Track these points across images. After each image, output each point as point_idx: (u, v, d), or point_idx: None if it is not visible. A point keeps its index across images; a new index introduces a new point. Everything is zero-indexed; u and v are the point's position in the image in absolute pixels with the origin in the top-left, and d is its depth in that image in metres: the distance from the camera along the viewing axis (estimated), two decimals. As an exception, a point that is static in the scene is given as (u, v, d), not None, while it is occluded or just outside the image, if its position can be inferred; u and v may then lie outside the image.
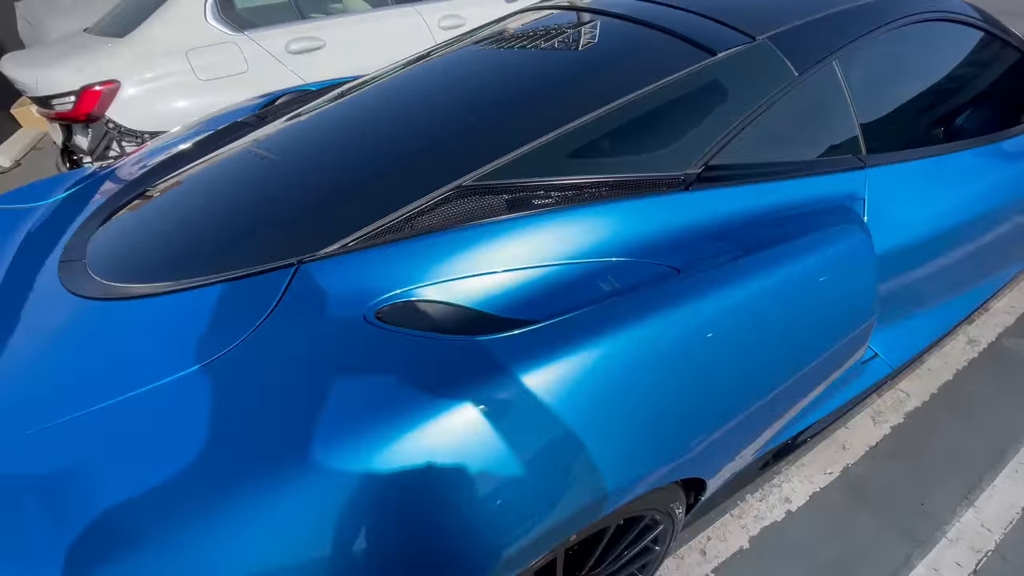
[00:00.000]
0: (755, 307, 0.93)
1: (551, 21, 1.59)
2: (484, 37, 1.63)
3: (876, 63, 1.36)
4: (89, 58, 2.51)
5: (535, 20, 1.64)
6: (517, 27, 1.67)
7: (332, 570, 0.63)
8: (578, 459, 0.75)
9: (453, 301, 0.86)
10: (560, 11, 1.64)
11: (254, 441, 0.68)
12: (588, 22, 1.52)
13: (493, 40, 1.59)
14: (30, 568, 0.60)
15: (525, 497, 0.72)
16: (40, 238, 1.18)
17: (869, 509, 1.53)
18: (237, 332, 0.81)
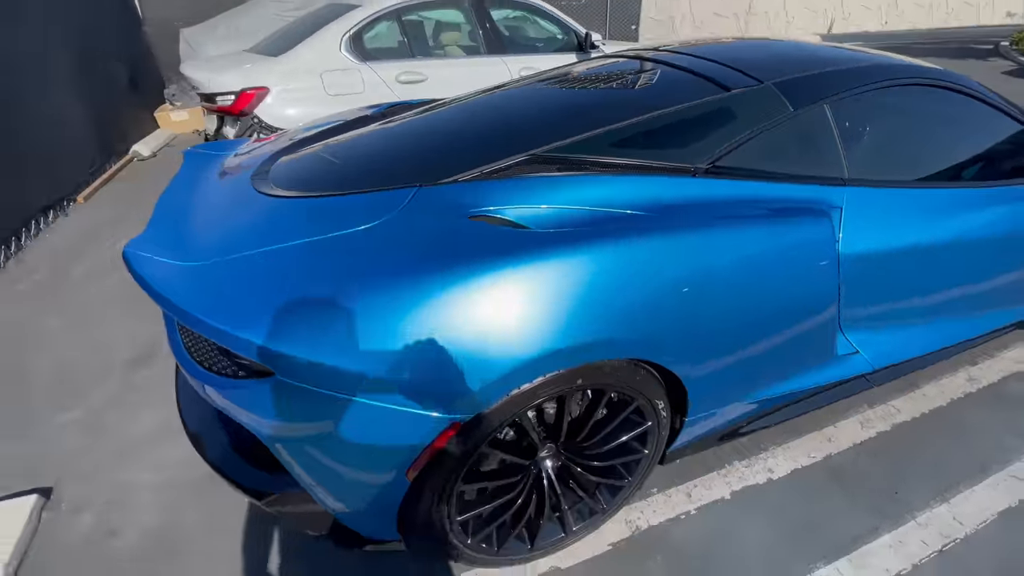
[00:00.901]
0: (720, 247, 1.28)
1: (614, 66, 2.07)
2: (564, 73, 2.13)
3: (865, 111, 1.72)
4: (249, 69, 3.23)
5: (600, 65, 2.13)
6: (586, 69, 2.16)
7: (397, 354, 1.00)
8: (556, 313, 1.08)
9: (514, 219, 1.25)
10: (622, 59, 2.12)
11: (373, 268, 1.08)
12: (641, 67, 1.97)
13: (573, 75, 2.09)
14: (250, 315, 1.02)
15: (520, 330, 1.06)
16: (233, 168, 1.70)
17: (845, 489, 1.72)
18: (374, 218, 1.24)
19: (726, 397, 1.51)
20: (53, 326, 2.68)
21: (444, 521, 1.23)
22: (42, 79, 4.23)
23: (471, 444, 1.12)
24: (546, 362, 1.09)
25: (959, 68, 9.54)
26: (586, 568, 1.50)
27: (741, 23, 14.94)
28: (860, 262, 1.54)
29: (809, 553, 1.52)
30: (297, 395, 1.01)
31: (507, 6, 4.06)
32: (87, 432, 2.02)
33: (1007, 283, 1.95)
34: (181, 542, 1.60)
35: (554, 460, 1.40)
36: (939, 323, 1.88)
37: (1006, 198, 1.80)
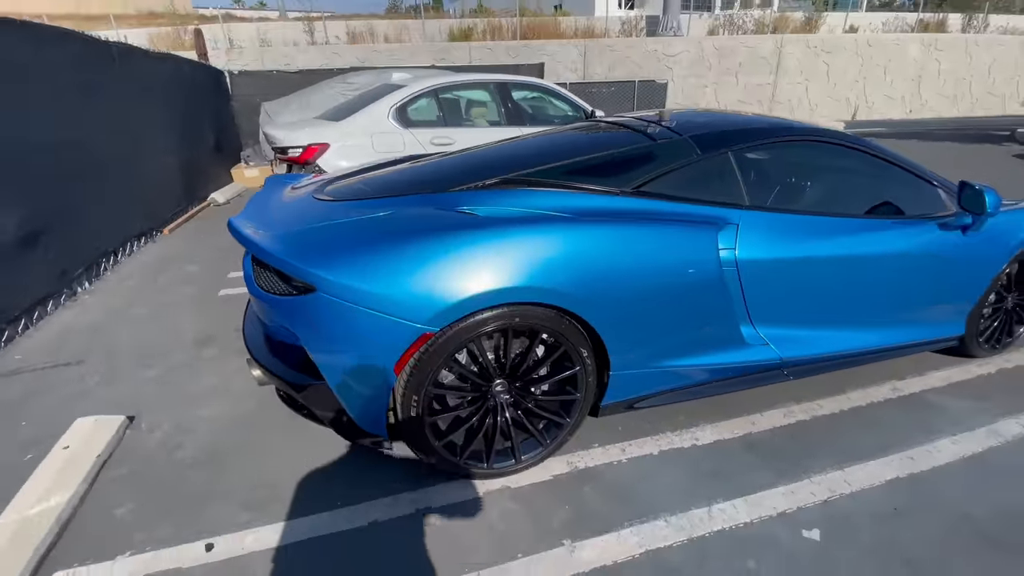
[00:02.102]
0: (632, 235, 1.79)
1: (586, 127, 2.71)
2: (549, 130, 2.80)
3: (763, 157, 2.26)
4: (315, 130, 4.09)
5: (578, 126, 2.78)
6: (565, 128, 2.82)
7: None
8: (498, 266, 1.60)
9: (481, 213, 1.81)
10: (596, 122, 2.76)
11: (382, 233, 1.66)
12: (605, 127, 2.60)
13: (554, 131, 2.75)
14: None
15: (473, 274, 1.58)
16: (296, 187, 2.37)
17: (756, 456, 2.07)
18: (390, 209, 1.83)
19: (643, 359, 1.94)
20: (141, 314, 3.37)
21: (421, 418, 1.70)
22: (153, 141, 5.30)
23: (439, 353, 1.62)
24: (490, 297, 1.60)
25: (974, 152, 10.03)
26: (531, 489, 1.89)
27: (765, 110, 15.93)
28: (755, 265, 2.00)
29: (713, 493, 1.87)
30: (327, 304, 1.56)
31: (525, 88, 4.91)
32: (162, 384, 2.60)
33: (900, 303, 2.33)
34: (223, 454, 2.10)
35: (506, 393, 1.85)
36: (841, 330, 2.26)
37: (887, 229, 2.24)
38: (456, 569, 1.59)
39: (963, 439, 2.16)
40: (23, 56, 3.38)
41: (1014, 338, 2.81)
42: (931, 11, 19.66)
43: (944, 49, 16.21)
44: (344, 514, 1.79)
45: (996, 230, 2.40)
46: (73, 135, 3.83)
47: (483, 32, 15.61)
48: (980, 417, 2.30)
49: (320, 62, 12.80)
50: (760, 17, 17.21)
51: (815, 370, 2.32)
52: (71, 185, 3.72)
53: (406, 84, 4.43)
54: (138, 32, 14.64)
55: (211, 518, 1.79)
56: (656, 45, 14.85)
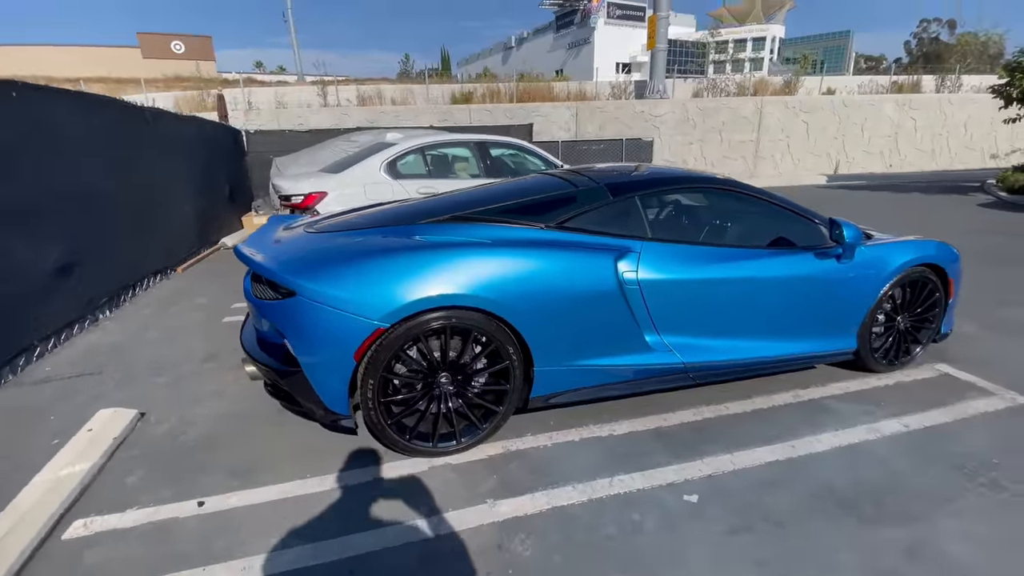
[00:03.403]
0: (549, 256, 2.27)
1: (529, 177, 3.27)
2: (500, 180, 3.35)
3: (666, 200, 2.78)
4: (316, 181, 4.73)
5: (524, 176, 3.34)
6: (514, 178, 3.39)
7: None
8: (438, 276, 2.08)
9: (432, 240, 2.32)
10: (539, 174, 3.33)
11: (353, 253, 2.16)
12: (543, 177, 3.15)
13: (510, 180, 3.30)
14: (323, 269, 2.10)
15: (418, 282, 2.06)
16: (292, 225, 2.90)
17: (662, 443, 2.45)
18: (362, 237, 2.34)
19: (563, 358, 2.38)
20: (154, 336, 3.86)
21: (375, 400, 2.13)
22: (173, 191, 5.98)
23: (390, 345, 2.07)
24: (432, 300, 2.07)
25: (942, 202, 10.71)
26: (468, 465, 2.29)
27: (749, 164, 16.83)
28: (655, 285, 2.47)
29: (617, 469, 2.26)
30: (304, 305, 2.04)
31: (502, 147, 5.59)
32: (170, 389, 3.05)
33: (788, 320, 2.77)
34: (218, 440, 2.52)
35: (449, 383, 2.28)
36: (737, 341, 2.69)
37: (772, 257, 2.72)
38: (402, 519, 1.98)
39: (844, 433, 2.55)
40: (75, 118, 4.07)
41: (911, 356, 3.21)
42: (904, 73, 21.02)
43: (918, 108, 17.24)
44: (312, 482, 2.19)
45: (871, 259, 2.87)
46: (105, 185, 4.47)
47: (483, 95, 16.86)
48: (865, 418, 2.69)
49: (331, 122, 13.91)
50: (741, 81, 18.45)
51: (717, 376, 2.74)
52: (99, 227, 4.31)
53: (397, 142, 5.10)
54: (165, 95, 15.98)
55: (204, 484, 2.20)
56: (643, 107, 15.98)
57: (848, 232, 2.65)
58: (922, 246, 3.07)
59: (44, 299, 3.55)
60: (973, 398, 2.88)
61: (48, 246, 3.62)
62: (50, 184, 3.69)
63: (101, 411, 2.62)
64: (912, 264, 2.98)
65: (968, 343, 3.60)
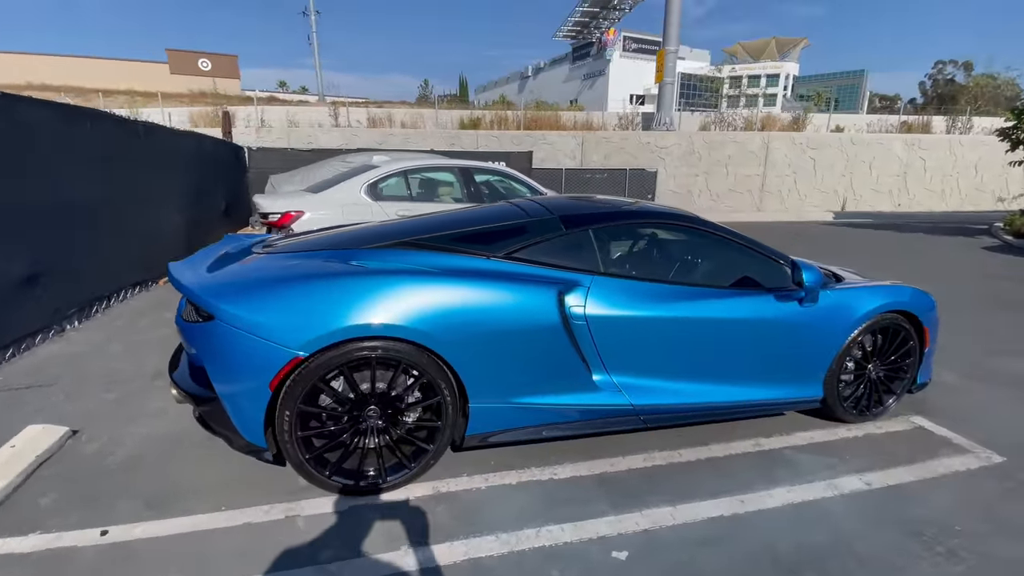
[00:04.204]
0: (487, 292, 2.19)
1: (492, 205, 3.22)
2: (460, 207, 3.31)
3: (620, 233, 2.70)
4: (294, 200, 4.73)
5: (488, 204, 3.29)
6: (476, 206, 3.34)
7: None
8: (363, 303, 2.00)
9: (366, 265, 2.26)
10: (503, 203, 3.28)
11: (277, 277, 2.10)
12: (505, 204, 3.10)
13: (469, 207, 3.25)
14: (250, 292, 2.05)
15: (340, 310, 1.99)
16: (246, 244, 2.87)
17: (604, 490, 2.32)
18: (296, 261, 2.30)
19: (502, 395, 2.28)
20: (115, 350, 3.82)
21: (292, 433, 2.04)
22: (162, 203, 6.04)
23: (308, 376, 2.00)
24: (355, 330, 2.00)
25: (946, 243, 10.57)
26: (392, 505, 2.18)
27: (755, 198, 16.77)
28: (604, 321, 2.38)
29: (549, 518, 2.13)
30: (222, 330, 1.97)
31: (487, 173, 5.59)
32: (115, 405, 2.99)
33: (748, 364, 2.65)
34: (144, 463, 2.44)
35: (377, 417, 2.19)
36: (693, 384, 2.57)
37: (730, 298, 2.61)
38: (306, 563, 1.87)
39: (799, 489, 2.39)
40: (54, 128, 4.13)
41: (884, 407, 3.06)
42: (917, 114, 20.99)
43: (928, 148, 17.16)
44: (224, 516, 2.09)
45: (837, 303, 2.76)
46: (83, 196, 4.50)
47: (491, 122, 17.10)
48: (825, 472, 2.54)
49: (341, 142, 14.15)
50: (749, 116, 18.54)
51: (670, 420, 2.62)
52: (71, 238, 4.33)
53: (380, 165, 5.12)
54: (181, 111, 16.43)
55: (116, 511, 2.11)
56: (649, 138, 16.07)
57: (808, 276, 2.55)
58: (894, 292, 2.95)
59: (4, 308, 3.54)
60: (945, 455, 2.71)
61: (11, 256, 3.62)
62: (16, 194, 3.70)
63: (30, 427, 2.56)
64: (882, 310, 2.86)
65: (949, 394, 3.43)
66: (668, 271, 2.87)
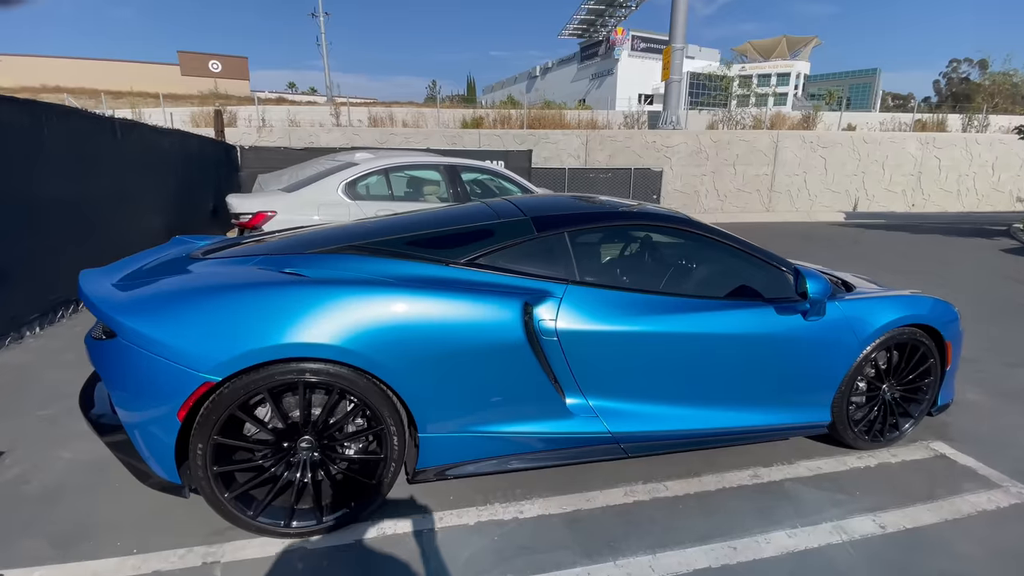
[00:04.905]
0: (439, 306, 1.90)
1: (462, 205, 2.93)
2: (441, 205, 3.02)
3: (605, 239, 2.40)
4: (267, 199, 4.47)
5: (457, 204, 3.00)
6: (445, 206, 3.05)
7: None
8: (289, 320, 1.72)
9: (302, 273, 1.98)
10: (476, 202, 2.99)
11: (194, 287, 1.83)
12: (476, 206, 2.81)
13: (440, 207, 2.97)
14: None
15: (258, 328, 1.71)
16: (194, 249, 2.60)
17: (573, 533, 2.02)
18: (222, 267, 2.02)
19: (459, 424, 1.99)
20: (69, 359, 3.58)
21: (206, 468, 1.77)
22: (139, 204, 5.82)
23: (223, 403, 1.72)
24: (276, 351, 1.72)
25: (962, 245, 10.03)
26: (328, 552, 1.89)
27: (764, 198, 16.34)
28: (579, 337, 2.08)
29: (506, 568, 1.84)
30: (123, 349, 1.70)
31: (475, 171, 5.29)
32: (48, 423, 2.74)
33: (745, 385, 2.34)
34: (63, 493, 2.18)
35: (312, 450, 1.91)
36: (681, 409, 2.27)
37: (725, 310, 2.30)
38: (214, 625, 1.59)
39: (802, 533, 2.08)
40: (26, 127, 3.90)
41: (900, 432, 2.73)
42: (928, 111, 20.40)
43: (943, 147, 16.62)
44: (133, 561, 1.82)
45: (847, 316, 2.44)
46: (47, 197, 4.27)
47: (494, 121, 16.82)
48: (833, 511, 2.22)
49: (342, 142, 13.92)
50: (758, 114, 18.10)
51: (656, 448, 2.31)
52: (35, 240, 4.10)
53: (361, 163, 4.85)
54: (183, 110, 16.32)
55: (18, 550, 1.85)
56: (655, 137, 15.70)
57: (813, 286, 2.23)
58: (912, 303, 2.62)
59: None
60: (971, 490, 2.38)
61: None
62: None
63: (-60, 452, 2.31)
64: (899, 324, 2.54)
65: (972, 415, 3.09)
66: (654, 280, 2.57)
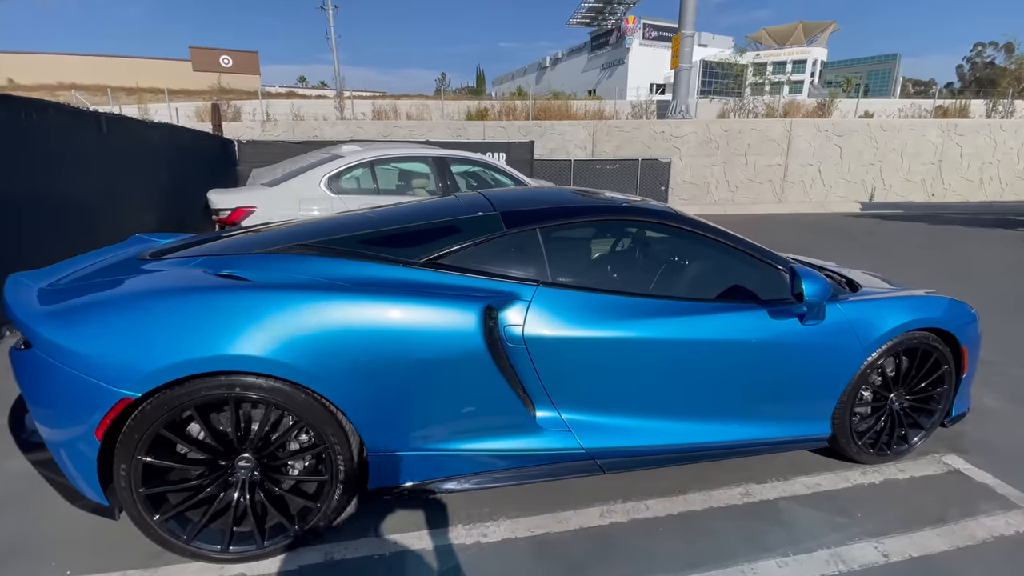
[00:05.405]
0: (388, 312, 1.72)
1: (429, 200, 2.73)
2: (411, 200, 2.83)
3: (581, 236, 2.19)
4: (246, 194, 4.33)
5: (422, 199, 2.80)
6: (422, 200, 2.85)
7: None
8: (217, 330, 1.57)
9: (241, 275, 1.81)
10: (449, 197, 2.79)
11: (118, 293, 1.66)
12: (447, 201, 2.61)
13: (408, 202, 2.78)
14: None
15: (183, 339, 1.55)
16: (151, 248, 2.44)
17: (539, 561, 1.84)
18: (155, 271, 1.86)
19: (411, 441, 1.82)
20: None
21: (131, 490, 1.61)
22: (125, 200, 5.72)
23: (145, 419, 1.56)
24: (199, 364, 1.55)
25: (983, 236, 9.55)
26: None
27: (776, 189, 15.90)
28: (549, 344, 1.89)
29: (461, 602, 1.66)
30: (39, 362, 1.55)
31: (465, 163, 5.09)
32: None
33: (735, 396, 2.13)
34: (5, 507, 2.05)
35: (250, 469, 1.75)
36: (664, 422, 2.07)
37: (713, 313, 2.08)
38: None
39: (794, 563, 1.87)
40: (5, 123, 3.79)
41: (909, 445, 2.50)
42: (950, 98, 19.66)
43: (965, 134, 16.01)
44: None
45: (850, 320, 2.21)
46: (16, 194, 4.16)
47: (499, 113, 16.56)
48: (831, 536, 2.01)
49: (346, 135, 13.78)
50: (770, 102, 17.60)
51: (636, 465, 2.12)
52: (7, 240, 4.00)
53: (345, 155, 4.68)
54: (188, 105, 16.31)
55: (-68, 581, 1.72)
56: (664, 127, 15.32)
57: (809, 287, 2.01)
58: (924, 304, 2.38)
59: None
60: (987, 512, 2.16)
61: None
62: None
63: None
64: (909, 328, 2.30)
65: (991, 424, 2.84)
66: (636, 280, 2.35)
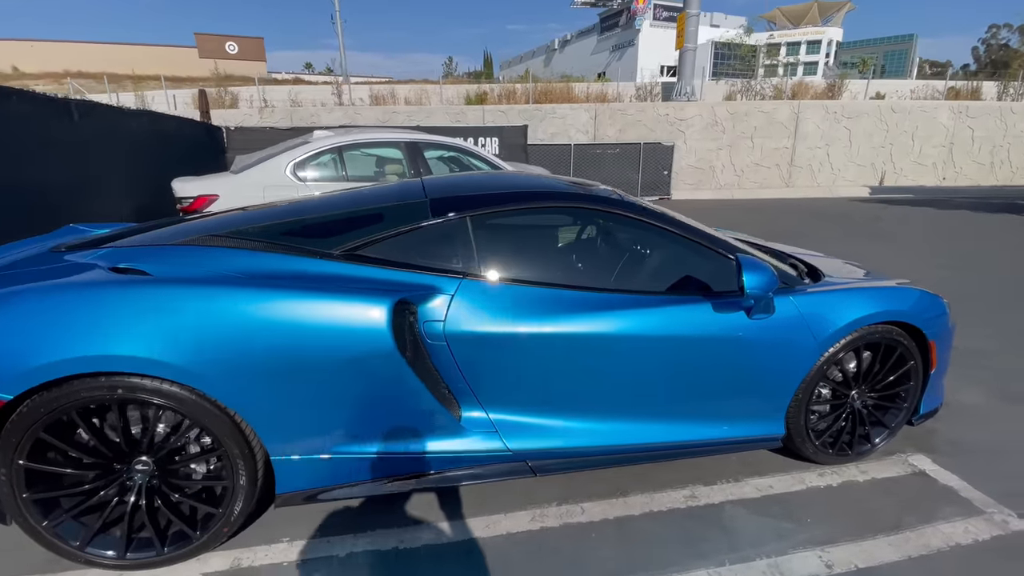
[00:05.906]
0: (287, 306, 1.60)
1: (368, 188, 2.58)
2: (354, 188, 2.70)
3: (514, 225, 2.06)
4: (212, 183, 4.22)
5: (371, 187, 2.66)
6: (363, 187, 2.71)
7: None
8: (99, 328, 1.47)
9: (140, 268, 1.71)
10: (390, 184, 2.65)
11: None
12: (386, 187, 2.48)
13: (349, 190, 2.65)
14: None
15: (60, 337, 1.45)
16: (83, 238, 2.34)
17: (459, 567, 1.75)
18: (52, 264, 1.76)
19: (319, 444, 1.72)
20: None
21: (15, 495, 1.53)
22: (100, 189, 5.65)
23: (22, 422, 1.47)
24: (76, 364, 1.46)
25: (990, 221, 9.25)
26: (166, 587, 1.66)
27: (784, 173, 15.51)
28: (473, 341, 1.77)
29: (363, 613, 1.58)
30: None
31: (439, 148, 4.94)
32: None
33: (678, 394, 2.01)
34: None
35: (147, 473, 1.66)
36: (600, 422, 1.95)
37: (651, 306, 1.94)
38: None
39: (727, 573, 1.76)
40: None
41: (872, 445, 2.36)
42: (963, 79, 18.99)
43: (976, 116, 15.49)
44: (-54, 596, 1.62)
45: (804, 313, 2.06)
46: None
47: (498, 96, 16.27)
48: (774, 544, 1.89)
49: (344, 121, 13.64)
50: (778, 84, 17.11)
51: (570, 467, 2.01)
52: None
53: (314, 140, 4.56)
54: (184, 92, 16.21)
55: None
56: (668, 109, 14.97)
57: (752, 279, 1.86)
58: (889, 296, 2.23)
59: None
60: (947, 518, 2.02)
61: None
62: None
63: None
64: (872, 321, 2.15)
65: (969, 422, 2.70)
66: (574, 272, 2.21)
